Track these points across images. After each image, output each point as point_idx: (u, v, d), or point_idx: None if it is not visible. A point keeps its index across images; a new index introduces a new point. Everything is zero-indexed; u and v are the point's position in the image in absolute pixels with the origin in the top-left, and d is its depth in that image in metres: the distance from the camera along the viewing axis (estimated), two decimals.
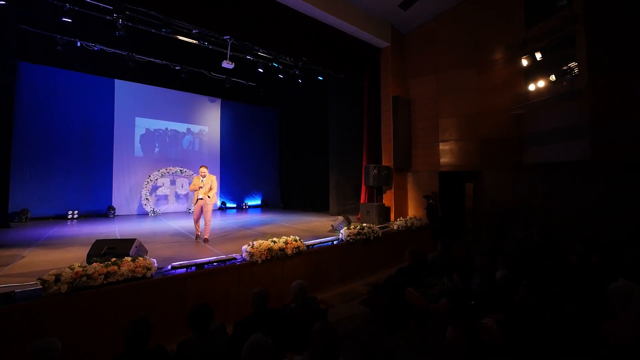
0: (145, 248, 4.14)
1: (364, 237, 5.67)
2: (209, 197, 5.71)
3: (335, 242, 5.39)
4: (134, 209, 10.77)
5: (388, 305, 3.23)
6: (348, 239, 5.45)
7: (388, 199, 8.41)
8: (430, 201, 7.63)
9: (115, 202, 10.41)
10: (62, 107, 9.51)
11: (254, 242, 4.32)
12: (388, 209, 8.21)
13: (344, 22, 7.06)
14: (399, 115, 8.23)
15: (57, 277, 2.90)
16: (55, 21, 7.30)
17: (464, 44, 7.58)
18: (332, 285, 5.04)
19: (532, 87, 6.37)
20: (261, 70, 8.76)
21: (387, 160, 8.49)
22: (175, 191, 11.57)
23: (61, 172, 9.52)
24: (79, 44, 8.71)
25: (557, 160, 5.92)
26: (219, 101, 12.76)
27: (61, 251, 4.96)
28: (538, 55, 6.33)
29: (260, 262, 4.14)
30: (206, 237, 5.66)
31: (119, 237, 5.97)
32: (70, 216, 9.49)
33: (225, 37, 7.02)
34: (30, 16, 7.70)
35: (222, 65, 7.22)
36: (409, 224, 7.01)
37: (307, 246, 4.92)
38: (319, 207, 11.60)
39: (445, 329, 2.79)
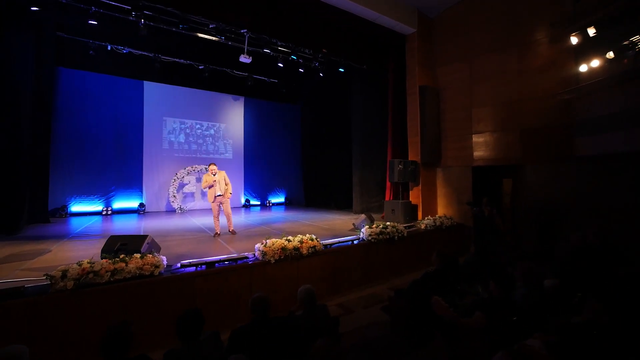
0: (158, 245, 4.06)
1: (387, 236, 5.25)
2: (230, 193, 5.98)
3: (355, 242, 5.03)
4: (162, 206, 11.12)
5: (410, 314, 2.82)
6: (370, 238, 5.07)
7: (415, 196, 7.86)
8: (475, 208, 5.76)
9: (145, 199, 10.81)
10: (96, 109, 10.00)
11: (267, 241, 4.10)
12: (415, 207, 7.66)
13: (366, 8, 6.63)
14: (426, 106, 7.64)
15: (64, 273, 2.85)
16: (86, 27, 7.66)
17: (500, 24, 6.83)
18: (352, 288, 4.69)
19: (583, 67, 5.53)
20: (281, 65, 8.56)
21: (413, 154, 7.93)
22: (201, 189, 11.79)
23: (96, 170, 10.03)
24: (109, 47, 9.10)
25: (615, 150, 5.09)
26: (242, 99, 12.83)
27: (86, 246, 5.09)
28: (591, 31, 5.47)
29: (273, 261, 3.90)
30: (232, 229, 6.03)
31: (141, 233, 6.08)
32: (104, 212, 9.98)
33: (242, 31, 6.88)
34: (65, 23, 8.13)
35: (240, 60, 7.11)
36: (437, 224, 6.45)
37: (325, 245, 4.61)
38: (342, 204, 11.24)
39: (477, 347, 2.34)
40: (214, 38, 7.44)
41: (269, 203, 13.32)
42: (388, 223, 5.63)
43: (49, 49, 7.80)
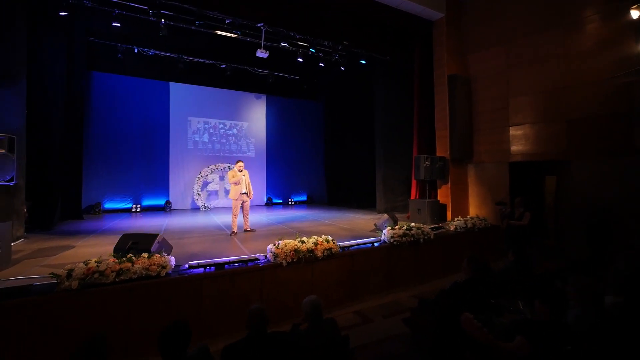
0: (170, 244, 3.98)
1: (412, 239, 4.82)
2: (252, 193, 6.14)
3: (376, 244, 4.66)
4: (188, 204, 11.38)
5: (436, 330, 2.44)
6: (392, 240, 4.67)
7: (443, 195, 7.29)
8: (503, 208, 5.22)
9: (171, 197, 11.11)
10: (126, 111, 10.40)
11: (280, 242, 3.86)
12: (443, 207, 7.10)
13: None
14: (456, 97, 7.03)
15: (69, 273, 2.80)
16: (114, 31, 7.93)
17: (542, 2, 6.07)
18: (371, 294, 4.34)
19: None
20: (300, 60, 8.32)
21: (442, 150, 7.35)
22: (224, 187, 11.92)
23: (126, 169, 10.44)
24: (135, 50, 9.40)
25: None
26: (264, 97, 12.79)
27: (109, 243, 5.16)
28: None
29: (285, 264, 3.66)
30: (249, 227, 6.04)
31: (162, 231, 6.15)
32: (133, 210, 10.37)
33: (258, 25, 6.72)
34: (94, 28, 8.48)
35: (257, 55, 6.97)
36: (469, 225, 5.87)
37: (343, 248, 4.29)
38: (365, 203, 10.82)
39: None
40: (232, 35, 7.37)
41: (291, 201, 13.20)
42: (413, 224, 5.19)
43: (80, 54, 8.16)
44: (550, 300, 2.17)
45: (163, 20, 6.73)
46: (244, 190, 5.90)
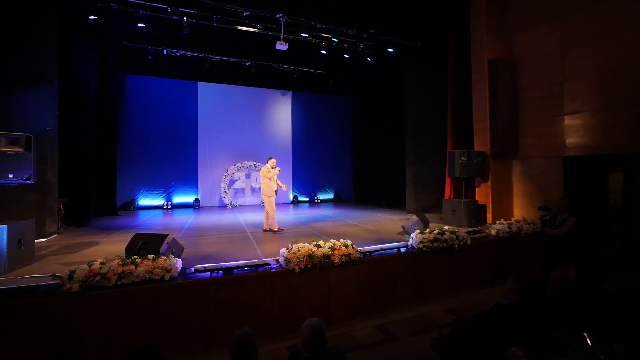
0: (181, 245, 3.83)
1: (444, 244, 4.25)
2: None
3: (402, 250, 4.17)
4: (215, 201, 11.55)
5: None
6: (421, 246, 4.15)
7: (483, 194, 6.51)
8: (545, 215, 4.34)
9: (200, 195, 11.35)
10: (157, 111, 10.74)
11: (293, 246, 3.54)
12: (482, 208, 6.34)
13: None
14: (498, 83, 6.21)
15: (71, 275, 2.70)
16: (144, 33, 8.16)
17: None
18: (397, 307, 3.87)
19: None
20: (324, 52, 7.93)
21: (480, 144, 6.57)
22: (250, 185, 11.95)
23: (158, 167, 10.81)
24: (165, 51, 9.64)
25: None
26: (289, 94, 12.60)
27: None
28: None
29: (298, 270, 3.33)
30: (269, 227, 5.84)
31: (185, 229, 6.16)
32: (164, 206, 10.72)
33: (277, 16, 6.43)
34: (126, 31, 8.78)
35: (277, 47, 6.71)
36: (514, 229, 5.12)
37: (365, 253, 3.87)
38: (394, 202, 10.19)
39: None
40: (253, 29, 7.18)
41: (318, 200, 12.91)
42: (446, 227, 4.60)
43: (113, 57, 8.49)
44: (636, 341, 1.59)
45: (185, 18, 6.74)
46: (276, 187, 5.88)
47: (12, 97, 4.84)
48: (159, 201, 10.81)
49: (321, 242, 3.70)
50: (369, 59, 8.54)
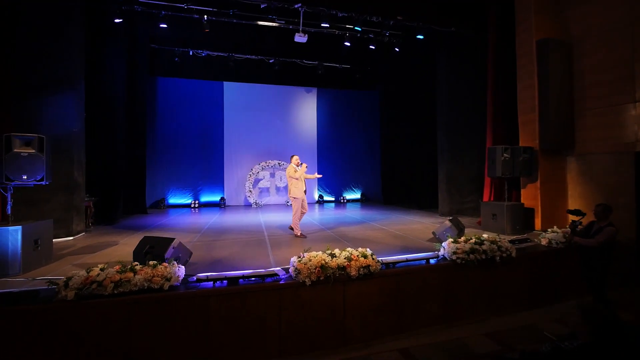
0: (188, 249, 3.63)
1: (483, 256, 3.63)
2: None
3: (432, 261, 3.62)
4: (241, 200, 11.58)
5: None
6: (454, 257, 3.57)
7: (530, 196, 5.67)
8: (577, 223, 3.63)
9: (226, 194, 11.43)
10: (185, 112, 10.96)
11: (305, 254, 3.17)
12: (529, 213, 5.51)
13: None
14: (549, 67, 5.33)
15: (67, 282, 2.56)
16: (170, 35, 8.29)
17: None
18: (424, 327, 3.35)
19: None
20: (348, 44, 7.47)
21: (527, 138, 5.73)
22: (275, 184, 11.82)
23: (186, 167, 11.05)
24: (190, 52, 9.77)
25: None
26: (314, 90, 12.27)
27: None
28: None
29: (309, 283, 2.95)
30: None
31: (205, 229, 6.06)
32: (192, 205, 10.93)
33: (296, 6, 6.09)
34: (155, 34, 8.99)
35: (295, 40, 6.39)
36: (570, 239, 4.30)
37: (387, 264, 3.40)
38: (425, 204, 9.45)
39: None
40: (273, 24, 6.92)
41: (344, 199, 12.47)
42: (485, 235, 3.96)
43: (143, 60, 8.71)
44: None
45: (205, 16, 6.66)
46: (304, 188, 5.51)
47: (40, 99, 5.00)
48: (187, 200, 11.05)
49: (337, 251, 3.29)
50: (397, 49, 7.93)
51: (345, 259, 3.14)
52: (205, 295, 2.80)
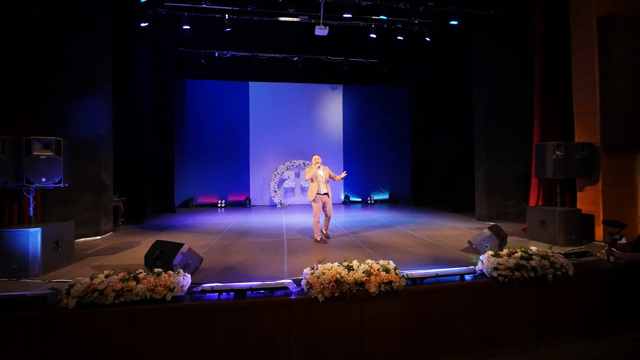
0: (199, 255, 3.46)
1: (532, 274, 3.05)
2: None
3: (468, 277, 3.12)
4: (266, 200, 11.55)
5: None
6: (495, 274, 3.04)
7: (589, 200, 4.85)
8: (616, 235, 3.21)
9: (251, 194, 11.46)
10: (213, 113, 11.14)
11: (318, 266, 2.84)
12: (589, 220, 4.70)
13: None
14: (615, 48, 4.49)
15: (69, 289, 2.46)
16: (197, 38, 8.39)
17: None
18: (458, 356, 2.87)
19: None
20: (374, 36, 7.01)
21: (584, 133, 4.91)
22: (300, 184, 11.64)
23: (214, 167, 11.23)
24: (216, 54, 9.87)
25: None
26: (340, 87, 11.89)
27: (176, 241, 5.16)
28: None
29: (321, 299, 2.62)
30: (327, 231, 5.34)
31: (228, 229, 5.96)
32: (219, 205, 11.08)
33: None
34: (182, 37, 9.17)
35: (316, 33, 6.08)
36: (608, 255, 3.53)
37: (414, 279, 2.97)
38: (459, 206, 8.70)
39: None
40: (294, 19, 6.67)
41: (371, 200, 11.97)
42: (533, 248, 3.36)
43: (170, 63, 8.91)
44: None
45: (227, 15, 6.58)
46: (324, 190, 5.06)
47: (68, 102, 5.17)
48: (214, 199, 11.22)
49: (354, 263, 2.92)
50: (428, 39, 7.30)
51: (363, 273, 2.77)
52: (209, 309, 2.58)
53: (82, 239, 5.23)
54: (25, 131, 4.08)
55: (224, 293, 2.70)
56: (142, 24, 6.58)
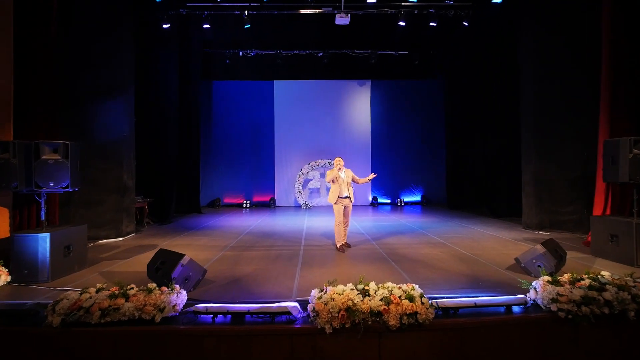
0: (201, 267, 3.19)
1: (606, 310, 2.35)
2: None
3: (516, 309, 2.50)
4: (291, 201, 11.31)
5: None
6: (554, 308, 2.39)
7: None
8: None
9: (276, 194, 11.29)
10: (238, 113, 11.12)
11: (328, 288, 2.41)
12: None
13: None
14: None
15: (54, 306, 2.28)
16: (221, 39, 8.30)
17: None
18: None
19: None
20: (403, 24, 6.37)
21: None
22: (325, 185, 11.23)
23: (240, 167, 11.23)
24: (240, 53, 9.77)
25: None
26: (368, 83, 11.28)
27: (189, 244, 5.07)
28: None
29: (329, 331, 2.19)
30: (346, 241, 4.84)
31: (248, 231, 5.73)
32: (244, 205, 11.03)
33: None
34: (206, 38, 9.16)
35: (336, 22, 5.62)
36: None
37: (445, 309, 2.42)
38: (502, 210, 7.73)
39: None
40: (316, 10, 6.25)
41: (401, 202, 11.25)
42: (605, 274, 2.64)
43: (196, 64, 8.93)
44: None
45: (246, 12, 6.35)
46: (345, 194, 4.68)
47: (90, 105, 5.24)
48: (239, 200, 11.21)
49: (372, 286, 2.44)
50: (465, 24, 6.48)
51: (381, 300, 2.28)
52: (200, 335, 2.26)
53: (105, 241, 5.29)
54: (49, 135, 4.11)
55: (219, 315, 2.37)
56: (164, 25, 6.56)
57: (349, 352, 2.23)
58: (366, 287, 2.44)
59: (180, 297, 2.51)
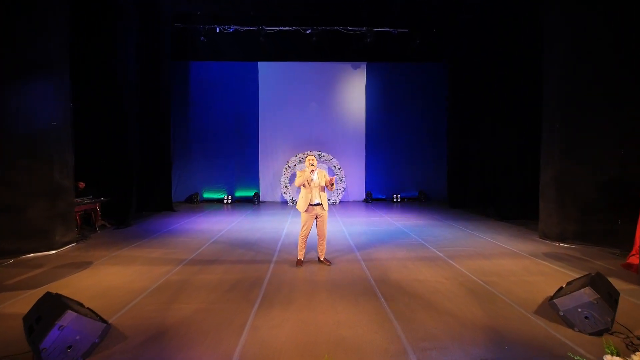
0: (99, 323, 2.17)
1: None
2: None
3: None
4: (277, 197, 10.36)
5: None
6: None
7: None
8: None
9: (260, 189, 10.31)
10: (219, 98, 10.01)
11: None
12: None
13: None
14: None
15: None
16: (194, 11, 7.07)
17: None
18: None
19: None
20: None
21: None
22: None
23: (220, 159, 10.20)
24: (217, 29, 8.57)
25: None
26: (364, 65, 10.14)
27: (142, 261, 4.09)
28: None
29: None
30: (325, 257, 4.03)
31: (222, 233, 4.71)
32: (226, 201, 10.03)
33: None
34: (181, 12, 7.91)
35: None
36: None
37: None
38: (510, 212, 6.82)
39: None
40: None
41: (397, 198, 10.33)
42: None
43: (163, 41, 7.70)
44: None
45: None
46: (317, 200, 3.81)
47: (6, 88, 4.12)
48: (220, 194, 10.22)
49: None
50: None
51: None
52: None
53: (31, 255, 4.30)
54: None
55: None
56: None
57: None
58: None
59: None
